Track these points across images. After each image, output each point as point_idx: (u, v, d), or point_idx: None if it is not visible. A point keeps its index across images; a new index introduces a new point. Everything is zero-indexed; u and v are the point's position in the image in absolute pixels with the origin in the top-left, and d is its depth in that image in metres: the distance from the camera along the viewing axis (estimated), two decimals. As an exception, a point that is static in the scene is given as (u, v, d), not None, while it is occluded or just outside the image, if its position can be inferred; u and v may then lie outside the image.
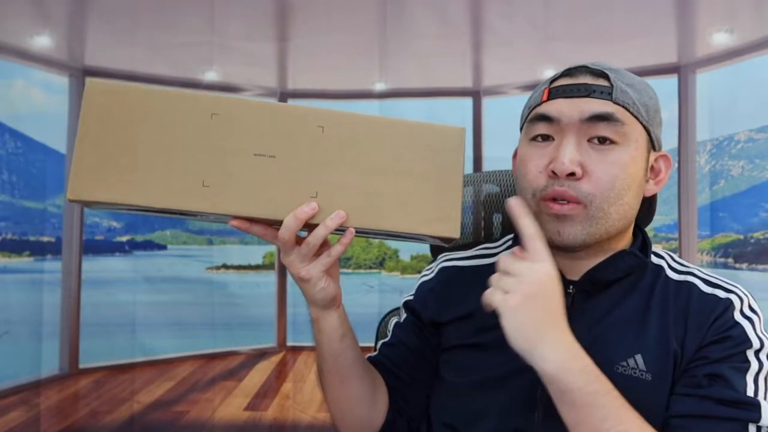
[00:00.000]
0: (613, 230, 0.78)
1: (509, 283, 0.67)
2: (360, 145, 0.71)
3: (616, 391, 0.67)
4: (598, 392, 0.67)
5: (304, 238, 0.71)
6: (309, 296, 0.75)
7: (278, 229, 0.70)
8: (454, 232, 0.73)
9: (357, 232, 0.71)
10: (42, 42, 3.68)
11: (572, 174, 0.75)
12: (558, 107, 0.77)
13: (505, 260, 0.69)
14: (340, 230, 0.71)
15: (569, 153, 0.75)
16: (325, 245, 0.72)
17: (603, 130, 0.75)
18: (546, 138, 0.79)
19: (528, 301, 0.66)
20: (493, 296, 0.68)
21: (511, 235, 0.93)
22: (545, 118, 0.78)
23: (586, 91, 0.77)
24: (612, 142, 0.76)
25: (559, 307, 0.68)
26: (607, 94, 0.76)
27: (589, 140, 0.76)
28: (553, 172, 0.75)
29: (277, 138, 0.70)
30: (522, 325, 0.66)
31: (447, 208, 0.72)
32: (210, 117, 0.69)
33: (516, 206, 0.70)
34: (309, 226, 0.70)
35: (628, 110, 0.76)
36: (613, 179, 0.75)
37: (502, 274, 0.69)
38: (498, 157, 4.36)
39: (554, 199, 0.76)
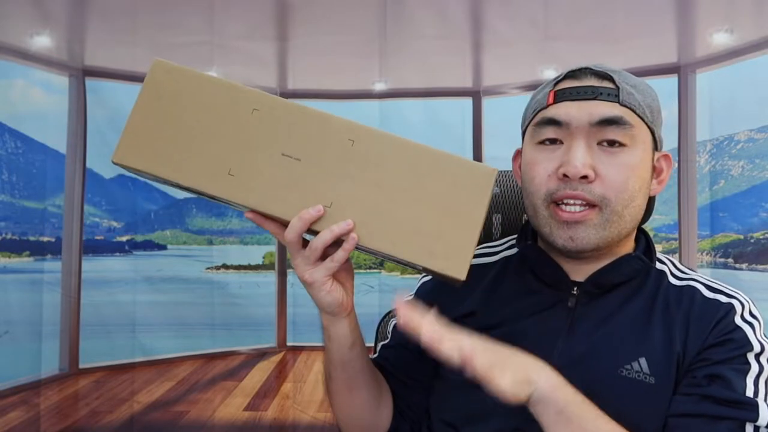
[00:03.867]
0: (625, 233, 0.79)
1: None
2: (385, 165, 0.70)
3: (587, 399, 0.69)
4: (583, 401, 0.68)
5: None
6: (316, 300, 0.75)
7: None
8: (460, 272, 0.69)
9: (362, 249, 0.71)
10: (42, 42, 3.68)
11: (585, 177, 0.75)
12: (566, 110, 0.77)
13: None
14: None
15: (581, 156, 0.75)
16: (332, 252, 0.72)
17: (612, 133, 0.75)
18: (554, 141, 0.78)
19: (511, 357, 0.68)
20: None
21: (515, 236, 0.92)
22: (553, 122, 0.78)
23: (593, 94, 0.77)
24: (621, 144, 0.76)
25: None
26: (613, 96, 0.76)
27: (599, 143, 0.76)
28: (565, 175, 0.75)
29: (306, 143, 0.71)
30: (513, 373, 0.67)
31: (458, 247, 0.69)
32: (251, 112, 0.72)
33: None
34: (317, 233, 0.70)
35: (634, 112, 0.77)
36: (625, 181, 0.76)
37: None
38: (498, 156, 4.36)
39: (565, 204, 0.76)
